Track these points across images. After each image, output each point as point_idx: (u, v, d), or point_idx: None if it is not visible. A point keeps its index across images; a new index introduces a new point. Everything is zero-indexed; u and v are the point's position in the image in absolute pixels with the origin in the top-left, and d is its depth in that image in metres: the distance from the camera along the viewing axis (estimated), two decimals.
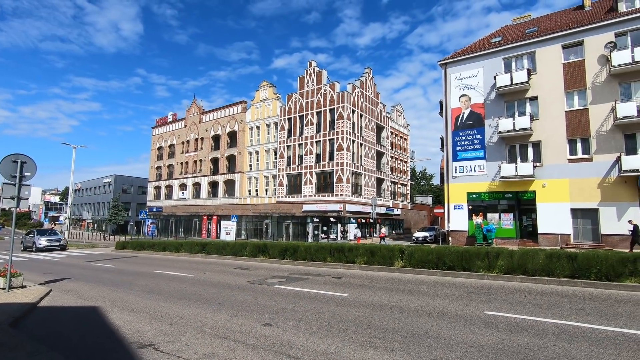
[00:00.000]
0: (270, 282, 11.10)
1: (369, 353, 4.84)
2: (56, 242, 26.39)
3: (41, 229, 29.26)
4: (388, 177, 43.06)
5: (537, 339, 5.28)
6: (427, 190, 70.51)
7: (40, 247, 25.49)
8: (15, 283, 10.07)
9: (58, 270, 15.18)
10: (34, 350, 4.93)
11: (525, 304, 7.59)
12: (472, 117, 25.13)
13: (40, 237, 26.37)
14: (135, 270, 15.03)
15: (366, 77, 39.06)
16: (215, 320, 6.70)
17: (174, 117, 54.12)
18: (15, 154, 9.65)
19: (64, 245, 27.26)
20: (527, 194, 22.64)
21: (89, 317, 7.28)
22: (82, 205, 73.14)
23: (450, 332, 5.70)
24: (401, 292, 9.15)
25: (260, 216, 39.60)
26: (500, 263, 11.05)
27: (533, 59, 23.45)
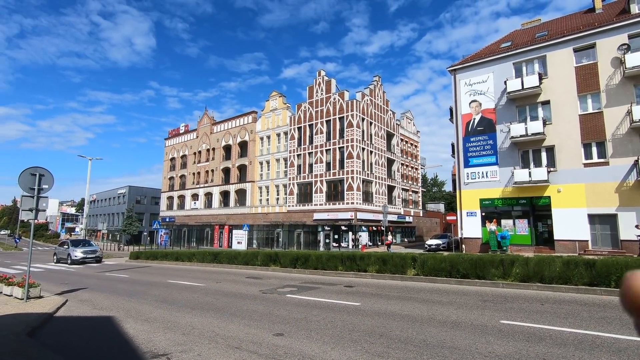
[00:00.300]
0: (282, 291, 11.08)
1: None
2: (92, 254, 24.36)
3: (75, 240, 27.24)
4: (399, 185, 42.78)
5: (555, 349, 5.13)
6: (439, 197, 69.74)
7: (76, 259, 23.46)
8: (32, 293, 10.27)
9: (74, 281, 15.44)
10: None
11: (543, 312, 7.40)
12: (483, 123, 24.88)
13: (75, 248, 24.37)
14: (149, 280, 15.18)
15: (375, 85, 39.14)
16: (228, 330, 6.71)
17: (186, 128, 55.02)
18: (33, 167, 9.93)
19: (100, 257, 25.20)
20: (542, 200, 22.19)
21: (103, 326, 7.37)
22: (97, 216, 74.49)
23: (465, 342, 5.59)
24: (414, 301, 9.02)
25: (272, 225, 39.67)
26: (515, 271, 10.82)
27: (544, 63, 23.20)
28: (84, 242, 26.86)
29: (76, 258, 23.62)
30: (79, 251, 23.93)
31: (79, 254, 23.74)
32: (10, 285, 11.00)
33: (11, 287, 10.92)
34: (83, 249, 24.40)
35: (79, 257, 23.69)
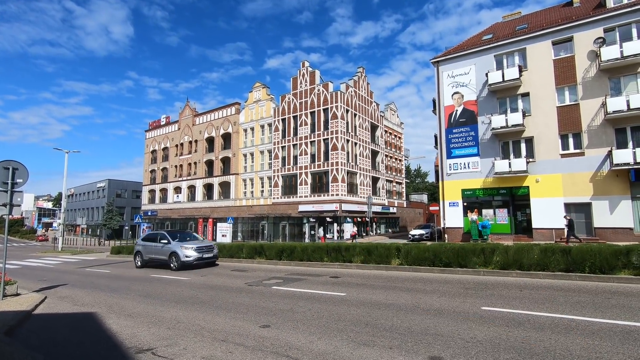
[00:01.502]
0: (268, 283, 11.09)
1: (367, 352, 4.86)
2: (209, 252, 15.88)
3: (173, 232, 17.66)
4: (383, 176, 43.17)
5: (533, 333, 5.33)
6: (422, 188, 70.81)
7: (188, 262, 15.02)
8: (9, 291, 9.96)
9: (52, 277, 15.03)
10: (30, 358, 4.88)
11: (521, 298, 7.66)
12: (465, 115, 25.28)
13: (183, 243, 15.74)
14: (132, 275, 14.92)
15: (359, 77, 39.12)
16: (213, 323, 6.68)
17: (167, 120, 53.83)
18: (6, 160, 9.54)
19: (217, 255, 16.84)
20: (521, 190, 22.83)
21: (85, 323, 7.22)
22: (76, 211, 72.45)
23: (447, 328, 5.74)
24: (399, 290, 9.19)
25: (256, 218, 39.50)
26: (496, 259, 11.14)
27: (524, 55, 23.65)
28: (186, 234, 17.88)
29: (188, 260, 14.97)
30: (190, 249, 15.26)
31: (192, 252, 15.17)
32: None
33: None
34: (193, 244, 15.80)
35: (192, 259, 15.04)
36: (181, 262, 14.92)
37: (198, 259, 15.22)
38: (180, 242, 15.86)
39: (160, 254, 16.21)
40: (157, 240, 16.63)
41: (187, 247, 15.36)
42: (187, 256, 15.03)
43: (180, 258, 14.93)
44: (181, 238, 16.47)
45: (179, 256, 15.00)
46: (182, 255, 15.00)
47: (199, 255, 15.26)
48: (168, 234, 16.67)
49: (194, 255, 15.13)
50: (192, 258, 15.06)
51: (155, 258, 16.59)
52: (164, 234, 16.72)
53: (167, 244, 15.90)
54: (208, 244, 16.33)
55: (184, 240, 16.28)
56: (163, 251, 15.99)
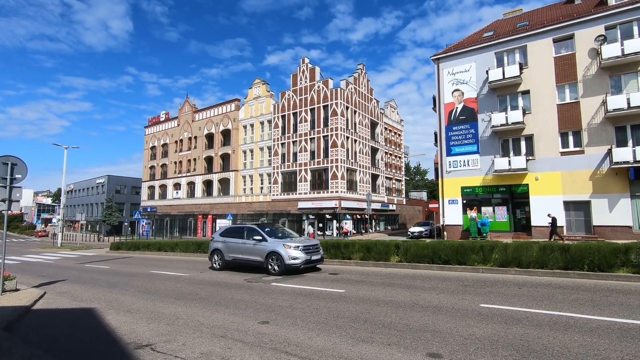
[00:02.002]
0: (267, 279, 11.10)
1: (366, 348, 4.87)
2: (316, 252, 12.51)
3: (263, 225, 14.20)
4: (383, 173, 43.16)
5: (531, 330, 5.34)
6: (422, 185, 70.85)
7: (294, 266, 11.76)
8: (8, 286, 9.96)
9: (52, 273, 15.04)
10: (29, 354, 4.88)
11: (520, 296, 7.68)
12: (465, 112, 25.24)
13: (285, 241, 12.33)
14: (131, 270, 14.94)
15: (359, 73, 39.01)
16: (212, 319, 6.69)
17: (167, 116, 53.72)
18: (5, 155, 9.51)
19: (323, 256, 13.36)
20: (521, 188, 22.84)
21: (84, 319, 7.23)
22: (75, 207, 72.45)
23: (446, 325, 5.75)
24: (397, 287, 9.20)
25: (256, 214, 39.52)
26: (494, 256, 11.15)
27: (525, 53, 23.59)
28: (276, 229, 14.01)
29: (295, 263, 11.73)
30: (297, 249, 11.90)
31: (298, 253, 11.83)
32: None
33: None
34: (297, 242, 12.43)
35: (300, 261, 11.77)
36: (286, 266, 11.69)
37: (306, 262, 11.86)
38: (281, 240, 12.46)
39: (250, 253, 12.72)
40: (245, 236, 13.10)
41: (291, 245, 11.98)
42: (293, 258, 11.68)
43: (285, 260, 11.67)
44: (273, 234, 13.07)
45: (283, 258, 11.72)
46: (287, 256, 11.70)
47: (307, 257, 11.93)
48: (261, 229, 13.16)
49: (302, 257, 11.77)
50: (300, 260, 11.72)
51: (242, 259, 13.01)
52: (255, 229, 13.18)
53: (261, 241, 12.51)
54: (314, 243, 12.87)
55: (280, 237, 12.89)
56: (256, 250, 12.54)
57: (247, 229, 13.53)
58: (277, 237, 12.89)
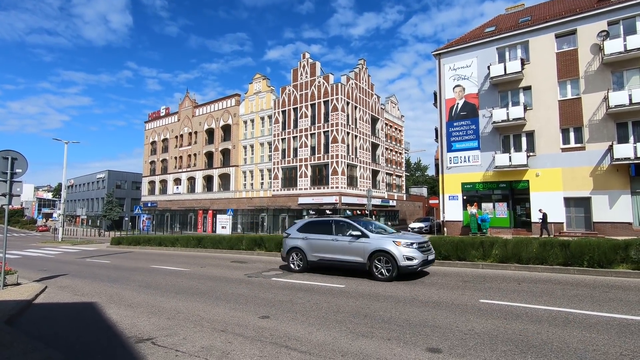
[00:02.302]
0: (267, 275, 11.13)
1: (366, 343, 4.89)
2: (430, 252, 10.06)
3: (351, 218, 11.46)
4: (383, 169, 43.13)
5: (531, 326, 5.36)
6: (422, 181, 70.84)
7: (410, 268, 9.23)
8: (9, 280, 9.99)
9: (53, 267, 15.10)
10: (30, 347, 4.91)
11: (519, 291, 7.70)
12: (466, 108, 25.16)
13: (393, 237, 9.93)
14: (132, 265, 14.99)
15: (360, 69, 38.84)
16: (213, 313, 6.72)
17: (167, 111, 53.58)
18: (5, 150, 9.50)
19: None
20: (521, 184, 22.83)
21: (85, 313, 7.26)
22: (76, 202, 72.53)
23: (445, 320, 5.77)
24: (397, 282, 9.22)
25: (256, 210, 39.56)
26: (494, 252, 11.17)
27: (526, 48, 23.46)
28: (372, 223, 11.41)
29: (411, 265, 9.23)
30: (407, 246, 9.42)
31: (414, 252, 9.33)
32: None
33: None
34: (408, 238, 9.90)
35: (417, 262, 9.26)
36: (399, 268, 9.11)
37: (423, 263, 9.34)
38: (386, 236, 10.01)
39: (345, 252, 10.17)
40: (333, 232, 10.74)
41: (403, 242, 9.38)
42: (408, 258, 9.10)
43: (399, 261, 9.09)
44: (370, 228, 10.48)
45: (395, 258, 9.12)
46: (401, 256, 9.13)
47: (424, 257, 9.36)
48: (353, 221, 10.74)
49: (419, 257, 9.16)
50: (417, 262, 9.12)
51: (332, 259, 10.50)
52: (349, 222, 10.63)
53: (360, 237, 9.93)
54: (425, 239, 10.27)
55: (380, 232, 10.42)
56: (354, 249, 9.97)
57: (337, 222, 11.07)
58: (378, 231, 10.40)
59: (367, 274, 9.82)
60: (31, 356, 4.54)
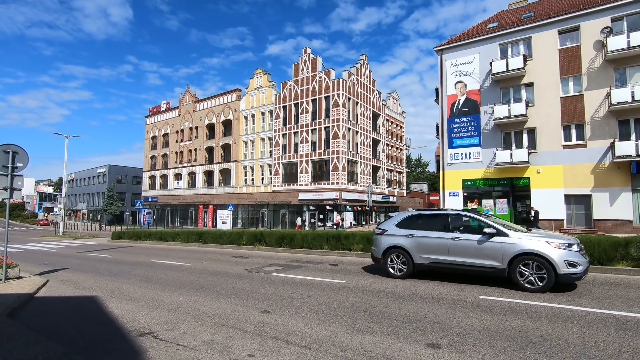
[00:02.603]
0: (268, 270, 11.17)
1: (365, 338, 4.91)
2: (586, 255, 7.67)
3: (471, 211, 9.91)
4: (384, 165, 43.10)
5: (530, 322, 5.38)
6: (423, 177, 70.81)
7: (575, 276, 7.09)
8: (11, 274, 10.04)
9: (54, 261, 15.15)
10: (32, 340, 4.94)
11: None
12: (468, 104, 25.07)
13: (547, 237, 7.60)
14: (132, 260, 15.04)
15: (362, 64, 38.69)
16: (214, 308, 6.75)
17: (168, 105, 53.49)
18: (6, 144, 9.50)
19: None
20: (522, 181, 22.81)
21: (86, 306, 7.29)
22: (77, 196, 72.65)
23: (445, 316, 5.80)
24: (397, 279, 9.24)
25: (257, 205, 39.61)
26: None
27: (529, 44, 23.32)
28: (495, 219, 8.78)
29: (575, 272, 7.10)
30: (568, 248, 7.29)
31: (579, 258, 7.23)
32: None
33: None
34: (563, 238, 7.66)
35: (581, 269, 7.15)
36: (558, 277, 7.14)
37: (586, 270, 7.31)
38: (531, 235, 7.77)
39: (472, 255, 8.11)
40: (450, 228, 8.65)
41: (557, 242, 7.40)
42: (571, 264, 7.14)
43: (558, 267, 7.11)
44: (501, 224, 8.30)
45: (554, 263, 7.15)
46: (561, 261, 7.15)
47: (587, 264, 7.40)
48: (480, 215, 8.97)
49: (583, 264, 7.25)
50: (582, 268, 7.18)
51: (453, 263, 8.36)
52: (474, 216, 8.70)
53: (494, 235, 7.91)
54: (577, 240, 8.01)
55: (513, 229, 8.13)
56: (485, 250, 7.93)
57: (454, 216, 8.92)
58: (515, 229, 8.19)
59: (507, 281, 7.87)
60: (33, 349, 4.57)
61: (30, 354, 4.39)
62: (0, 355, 4.38)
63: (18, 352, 4.47)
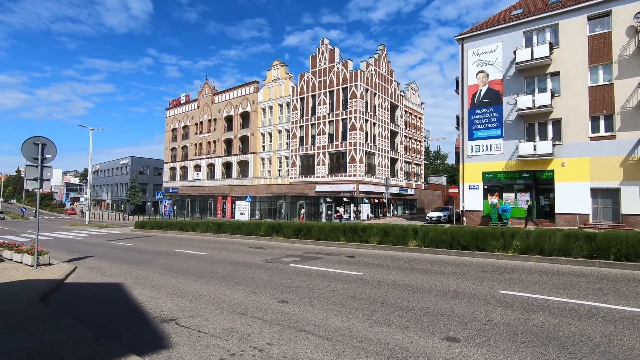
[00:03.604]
0: (285, 260, 11.31)
1: (383, 330, 4.93)
2: None
3: None
4: (402, 157, 42.60)
5: (552, 318, 5.26)
6: (442, 170, 69.65)
7: None
8: (42, 260, 10.53)
9: (81, 249, 15.79)
10: (63, 324, 5.19)
11: (541, 283, 7.54)
12: (490, 94, 24.37)
13: None
14: (155, 249, 15.50)
15: (380, 55, 38.08)
16: (233, 297, 6.90)
17: (187, 98, 54.26)
18: (35, 136, 9.89)
19: None
20: (545, 174, 22.11)
21: (112, 293, 7.59)
22: (101, 187, 75.08)
23: (464, 310, 5.74)
24: (415, 271, 9.20)
25: (274, 196, 39.96)
26: (515, 243, 10.95)
27: (556, 31, 22.36)
28: None
29: None
30: None
31: None
32: (20, 253, 11.27)
33: (21, 255, 11.19)
34: None
35: None
36: None
37: None
38: None
39: None
40: None
41: None
42: None
43: None
44: None
45: None
46: None
47: None
48: None
49: None
50: None
51: None
52: None
53: None
54: None
55: None
56: None
57: None
58: None
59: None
60: (64, 332, 4.81)
61: (61, 337, 4.62)
62: (35, 338, 4.63)
63: (50, 335, 4.71)
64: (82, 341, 4.46)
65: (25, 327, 5.04)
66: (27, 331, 4.88)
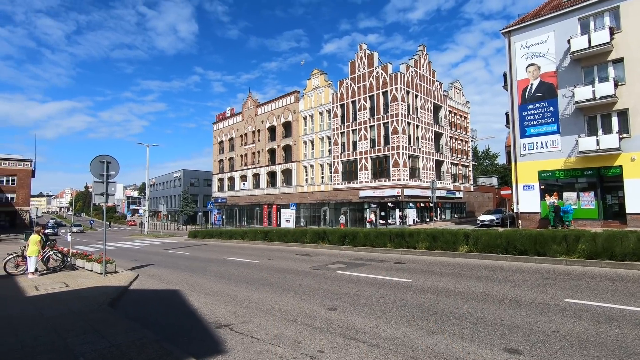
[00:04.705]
0: (332, 267, 11.31)
1: (437, 339, 4.74)
2: None
3: None
4: (447, 159, 41.08)
5: (629, 330, 4.75)
6: (492, 170, 66.11)
7: None
8: (109, 269, 11.46)
9: (142, 257, 16.95)
10: (130, 327, 5.59)
11: (614, 291, 6.85)
12: (542, 88, 22.82)
13: None
14: (207, 257, 16.24)
15: (420, 55, 37.24)
16: (282, 304, 7.02)
17: (232, 111, 56.68)
18: (101, 155, 10.87)
19: None
20: (612, 170, 20.16)
21: (171, 299, 8.06)
22: (157, 199, 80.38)
23: (525, 320, 5.37)
24: (468, 277, 8.78)
25: (318, 203, 40.25)
26: (581, 247, 10.06)
27: (617, 15, 20.49)
28: None
29: None
30: None
31: None
32: (91, 262, 12.36)
33: (91, 264, 12.26)
34: None
35: None
36: None
37: None
38: None
39: None
40: None
41: None
42: None
43: None
44: None
45: None
46: None
47: None
48: None
49: None
50: None
51: None
52: None
53: None
54: None
55: None
56: None
57: None
58: None
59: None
60: (131, 335, 5.18)
61: (129, 339, 4.98)
62: (106, 340, 5.04)
63: (120, 338, 5.09)
64: (147, 344, 4.78)
65: (98, 329, 5.50)
66: (99, 333, 5.32)
